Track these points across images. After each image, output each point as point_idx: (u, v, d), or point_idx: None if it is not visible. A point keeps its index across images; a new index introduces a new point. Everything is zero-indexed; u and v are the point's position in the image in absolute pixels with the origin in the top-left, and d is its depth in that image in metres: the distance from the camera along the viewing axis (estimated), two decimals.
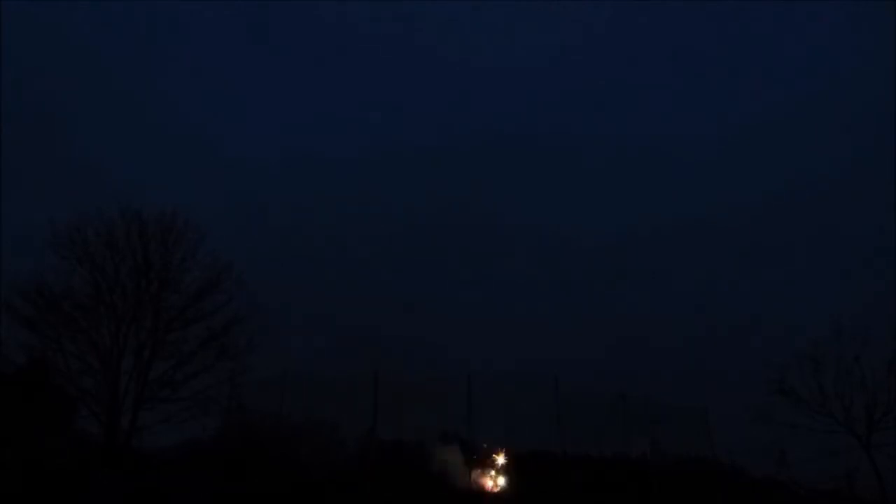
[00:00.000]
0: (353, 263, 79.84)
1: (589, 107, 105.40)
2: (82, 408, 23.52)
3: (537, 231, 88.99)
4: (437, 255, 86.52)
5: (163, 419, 23.54)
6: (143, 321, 23.97)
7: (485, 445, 25.91)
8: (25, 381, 23.08)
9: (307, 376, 24.00)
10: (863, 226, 66.92)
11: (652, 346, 60.88)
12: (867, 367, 25.36)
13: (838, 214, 74.67)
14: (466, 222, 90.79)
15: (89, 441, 24.05)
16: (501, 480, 25.91)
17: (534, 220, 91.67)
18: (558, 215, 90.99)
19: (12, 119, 66.00)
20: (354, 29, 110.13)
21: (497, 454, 26.10)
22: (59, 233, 23.84)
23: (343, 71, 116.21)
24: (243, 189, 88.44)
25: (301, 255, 74.45)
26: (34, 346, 23.41)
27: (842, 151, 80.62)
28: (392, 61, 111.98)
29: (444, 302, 72.43)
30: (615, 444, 26.17)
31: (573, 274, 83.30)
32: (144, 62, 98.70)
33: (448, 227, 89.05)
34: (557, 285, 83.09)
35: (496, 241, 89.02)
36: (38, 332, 23.24)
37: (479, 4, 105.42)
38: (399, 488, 22.35)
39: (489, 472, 26.06)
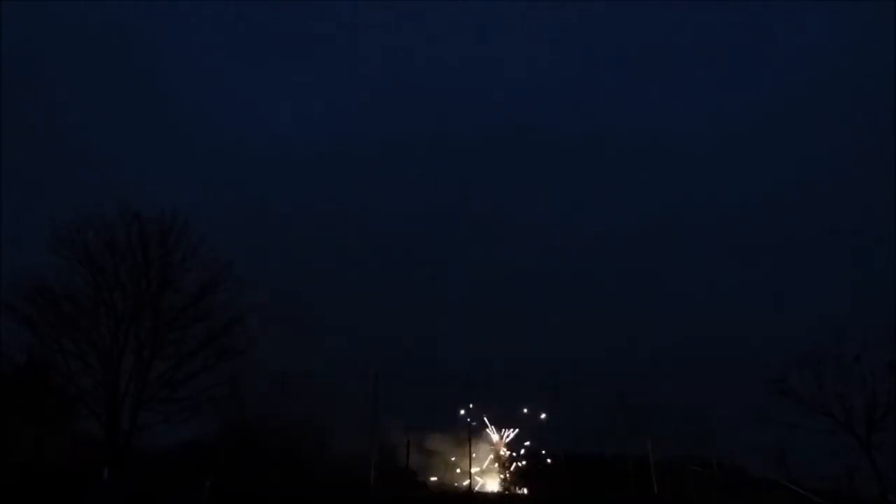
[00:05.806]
0: (353, 263, 79.91)
1: (587, 104, 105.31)
2: (82, 407, 23.54)
3: (537, 230, 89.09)
4: (438, 255, 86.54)
5: (163, 419, 23.56)
6: (143, 321, 23.99)
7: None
8: (26, 381, 23.09)
9: (307, 376, 23.99)
10: (863, 225, 66.98)
11: (652, 346, 60.81)
12: (867, 367, 25.41)
13: (838, 213, 74.69)
14: (465, 221, 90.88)
15: (90, 440, 24.07)
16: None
17: (533, 219, 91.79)
18: (558, 215, 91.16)
19: (13, 119, 66.10)
20: (354, 27, 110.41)
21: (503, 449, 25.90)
22: (60, 233, 23.90)
23: (342, 69, 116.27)
24: (243, 188, 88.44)
25: (301, 254, 74.42)
26: (34, 346, 23.44)
27: (842, 150, 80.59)
28: (392, 58, 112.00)
29: (443, 302, 72.49)
30: (615, 444, 26.20)
31: (573, 274, 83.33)
32: (144, 61, 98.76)
33: (447, 227, 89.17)
34: (557, 285, 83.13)
35: (495, 240, 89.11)
36: (38, 332, 23.26)
37: (480, 4, 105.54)
38: (399, 488, 22.39)
39: (500, 473, 25.92)
